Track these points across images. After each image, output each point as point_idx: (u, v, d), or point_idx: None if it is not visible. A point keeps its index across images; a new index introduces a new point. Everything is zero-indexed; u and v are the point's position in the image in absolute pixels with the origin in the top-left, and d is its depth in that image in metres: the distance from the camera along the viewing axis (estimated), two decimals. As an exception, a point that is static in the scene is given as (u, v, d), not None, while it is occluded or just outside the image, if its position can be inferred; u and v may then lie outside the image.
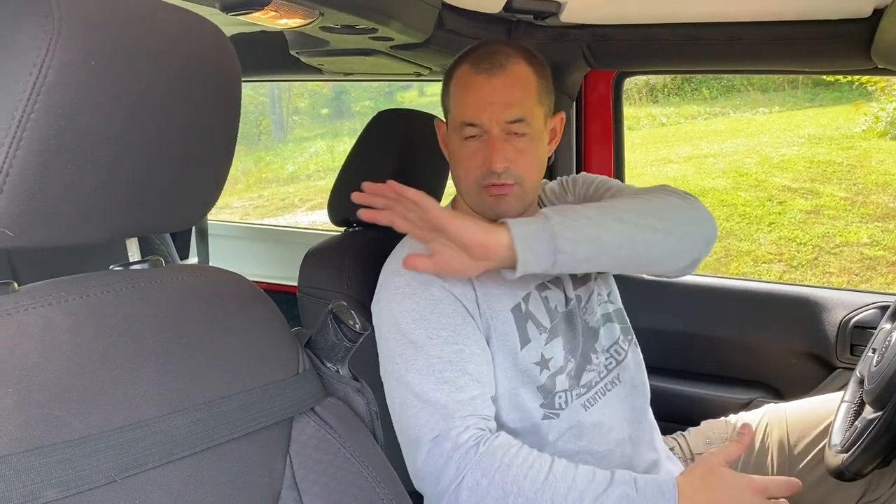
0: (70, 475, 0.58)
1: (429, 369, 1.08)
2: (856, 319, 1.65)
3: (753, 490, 1.00)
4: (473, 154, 1.18)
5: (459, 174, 1.23)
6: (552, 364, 1.20)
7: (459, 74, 1.20)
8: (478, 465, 1.00)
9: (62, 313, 0.63)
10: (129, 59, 0.62)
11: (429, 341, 1.10)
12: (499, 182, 1.18)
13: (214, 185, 0.76)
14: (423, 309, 1.12)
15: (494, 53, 1.18)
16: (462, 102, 1.19)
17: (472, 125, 1.17)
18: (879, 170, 6.28)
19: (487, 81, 1.17)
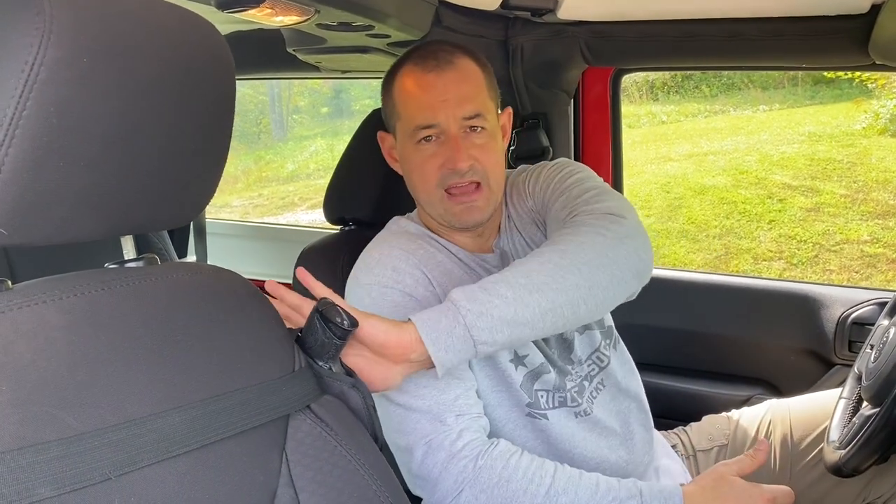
0: (64, 473, 0.58)
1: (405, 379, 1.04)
2: (854, 316, 1.65)
3: (765, 500, 0.98)
4: (431, 157, 1.13)
5: (416, 182, 1.17)
6: (528, 361, 1.15)
7: (404, 77, 1.15)
8: (476, 480, 0.97)
9: (56, 311, 0.63)
10: (121, 57, 0.62)
11: None
12: (463, 182, 1.13)
13: (209, 183, 0.76)
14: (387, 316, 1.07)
15: (437, 51, 1.15)
16: (413, 105, 1.13)
17: (427, 127, 1.12)
18: (880, 167, 6.27)
19: (438, 79, 1.12)
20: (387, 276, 1.11)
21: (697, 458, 1.41)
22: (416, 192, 1.20)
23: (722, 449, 1.41)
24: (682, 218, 6.01)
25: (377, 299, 1.09)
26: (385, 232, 1.25)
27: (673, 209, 6.18)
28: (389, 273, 1.11)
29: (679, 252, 5.53)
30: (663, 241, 5.71)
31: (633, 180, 6.79)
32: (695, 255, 5.47)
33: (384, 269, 1.12)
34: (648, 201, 6.38)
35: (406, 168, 1.19)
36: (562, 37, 1.69)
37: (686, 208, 6.15)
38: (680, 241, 5.68)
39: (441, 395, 1.04)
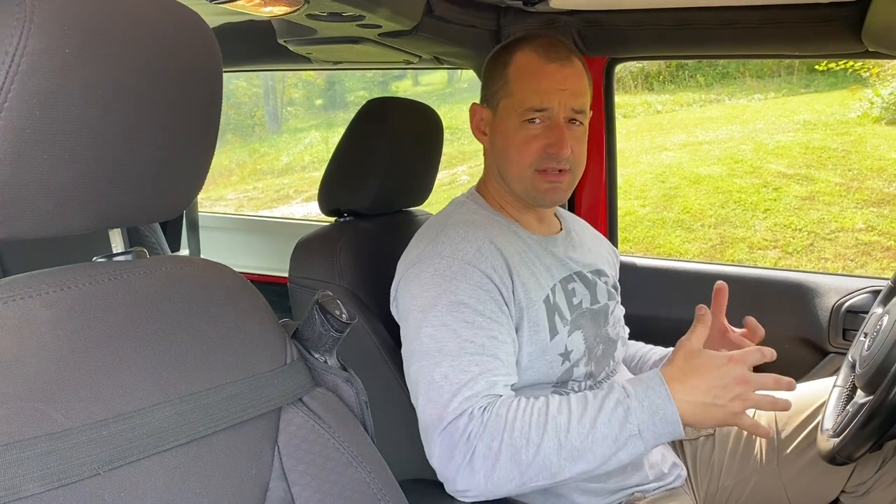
0: (52, 468, 0.57)
1: (461, 352, 1.08)
2: (848, 304, 1.65)
3: (734, 362, 1.03)
4: (534, 138, 1.21)
5: (512, 156, 1.23)
6: (573, 356, 1.22)
7: (524, 61, 1.23)
8: (485, 431, 1.02)
9: (42, 306, 0.62)
10: (105, 48, 0.61)
11: (464, 325, 1.10)
12: (558, 167, 1.21)
13: (197, 176, 0.75)
14: (462, 292, 1.12)
15: (559, 45, 1.24)
16: (530, 87, 1.21)
17: (539, 110, 1.20)
18: (874, 155, 6.28)
19: (560, 70, 1.21)
20: (470, 254, 1.16)
21: (684, 446, 1.42)
22: (505, 166, 1.26)
23: (708, 438, 1.42)
24: (677, 207, 6.02)
25: (457, 272, 1.14)
26: (461, 213, 1.28)
27: (668, 199, 6.19)
28: (473, 252, 1.16)
29: (674, 241, 5.54)
30: (659, 230, 5.72)
31: (628, 170, 6.79)
32: (690, 244, 5.48)
33: (469, 246, 1.17)
34: (644, 191, 6.39)
35: (501, 143, 1.25)
36: (554, 26, 1.68)
37: (681, 198, 6.16)
38: (675, 231, 5.68)
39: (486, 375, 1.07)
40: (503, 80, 1.25)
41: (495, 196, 1.31)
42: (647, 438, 1.00)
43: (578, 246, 1.36)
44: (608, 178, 1.97)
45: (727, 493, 1.38)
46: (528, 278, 1.19)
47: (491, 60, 1.29)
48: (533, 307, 1.18)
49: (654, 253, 5.40)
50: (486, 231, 1.21)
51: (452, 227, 1.22)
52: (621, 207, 5.87)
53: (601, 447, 1.00)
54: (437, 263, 1.16)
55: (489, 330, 1.11)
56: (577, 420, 1.01)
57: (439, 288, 1.13)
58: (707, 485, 1.40)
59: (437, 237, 1.20)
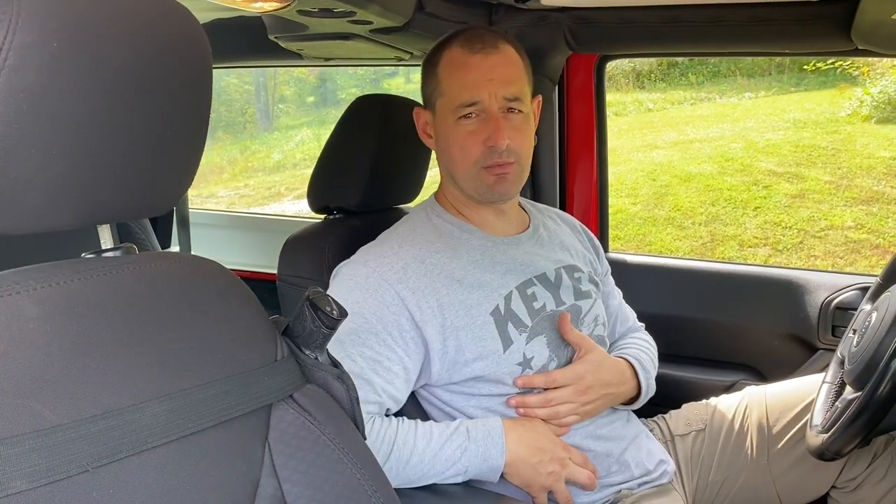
0: (40, 465, 0.57)
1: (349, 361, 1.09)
2: (837, 301, 1.66)
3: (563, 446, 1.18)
4: (471, 133, 1.19)
5: (455, 156, 1.21)
6: (534, 363, 1.20)
7: (450, 56, 1.21)
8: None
9: (31, 302, 0.62)
10: (93, 42, 0.60)
11: (349, 337, 1.10)
12: (500, 161, 1.19)
13: (186, 172, 0.75)
14: (365, 306, 1.12)
15: (484, 35, 1.21)
16: (458, 82, 1.19)
17: (471, 104, 1.18)
18: (864, 153, 6.31)
19: (485, 60, 1.19)
20: (393, 271, 1.16)
21: (675, 441, 1.42)
22: (451, 166, 1.24)
23: (699, 434, 1.42)
24: (668, 205, 6.03)
25: (371, 285, 1.14)
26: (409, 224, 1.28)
27: (659, 197, 6.20)
28: (398, 270, 1.16)
29: (665, 239, 5.55)
30: (650, 228, 5.73)
31: (619, 168, 6.80)
32: (681, 242, 5.50)
33: (396, 262, 1.17)
34: (635, 189, 6.40)
35: (444, 143, 1.24)
36: (545, 23, 1.68)
37: (672, 196, 6.17)
38: (666, 229, 5.70)
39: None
40: (435, 79, 1.23)
41: (451, 199, 1.29)
42: (468, 476, 1.13)
43: (547, 243, 1.34)
44: (599, 175, 1.97)
45: (717, 489, 1.39)
46: (468, 294, 1.18)
47: (425, 61, 1.27)
48: (475, 324, 1.17)
49: (645, 250, 5.41)
50: (423, 248, 1.19)
51: (390, 238, 1.22)
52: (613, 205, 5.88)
53: (428, 477, 1.11)
54: (357, 270, 1.17)
55: (376, 352, 1.11)
56: (418, 455, 1.10)
57: (348, 295, 1.13)
58: (696, 480, 1.40)
59: (372, 246, 1.21)
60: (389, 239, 1.22)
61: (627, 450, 1.26)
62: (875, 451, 1.32)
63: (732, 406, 1.44)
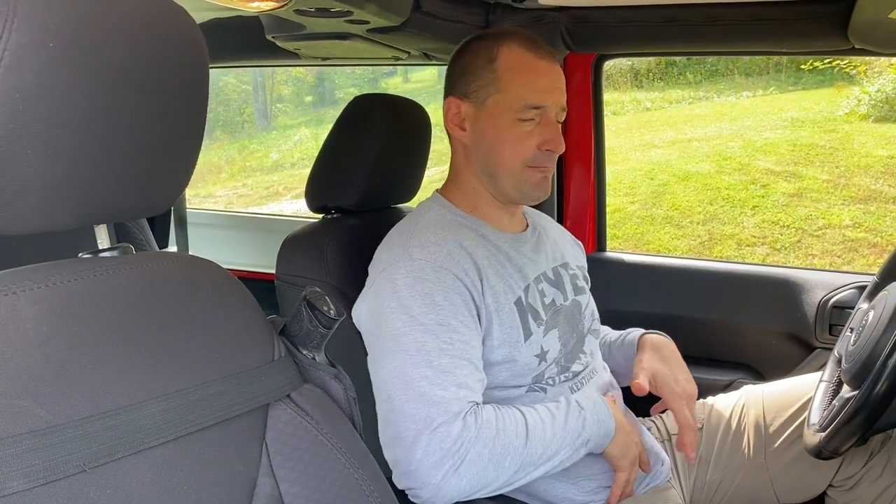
0: (37, 465, 0.57)
1: (439, 353, 1.07)
2: (834, 300, 1.66)
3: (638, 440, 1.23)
4: (528, 135, 1.20)
5: (505, 154, 1.22)
6: (549, 356, 1.21)
7: (515, 56, 1.21)
8: (478, 438, 1.04)
9: (27, 302, 0.62)
10: (90, 42, 0.60)
11: (439, 327, 1.09)
12: (547, 164, 1.23)
13: (183, 172, 0.75)
14: (437, 294, 1.11)
15: (541, 41, 1.25)
16: (528, 84, 1.20)
17: (537, 107, 1.20)
18: (861, 152, 6.32)
19: (552, 68, 1.22)
20: (442, 256, 1.15)
21: (672, 441, 1.42)
22: (496, 163, 1.24)
23: (697, 433, 1.42)
24: (666, 204, 6.04)
25: (430, 274, 1.13)
26: (429, 217, 1.27)
27: (657, 196, 6.21)
28: (445, 255, 1.16)
29: (663, 238, 5.56)
30: (648, 227, 5.74)
31: (617, 167, 6.81)
32: (679, 241, 5.50)
33: (440, 250, 1.16)
34: (633, 188, 6.41)
35: (491, 140, 1.23)
36: (543, 22, 1.68)
37: (670, 195, 6.18)
38: (664, 228, 5.70)
39: (463, 381, 1.08)
40: (492, 74, 1.22)
41: (467, 195, 1.29)
42: (589, 447, 1.14)
43: (545, 241, 1.35)
44: (596, 175, 1.97)
45: (714, 488, 1.39)
46: (496, 282, 1.19)
47: (470, 53, 1.25)
48: (503, 310, 1.17)
49: (643, 249, 5.42)
50: (455, 235, 1.20)
51: (422, 230, 1.21)
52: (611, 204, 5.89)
53: (564, 452, 1.11)
54: (409, 265, 1.15)
55: (462, 334, 1.10)
56: (549, 430, 1.10)
57: (414, 289, 1.12)
58: (694, 479, 1.40)
59: (407, 241, 1.19)
60: (420, 231, 1.21)
61: None
62: (872, 450, 1.32)
63: (730, 405, 1.44)
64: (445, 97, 1.28)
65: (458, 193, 1.30)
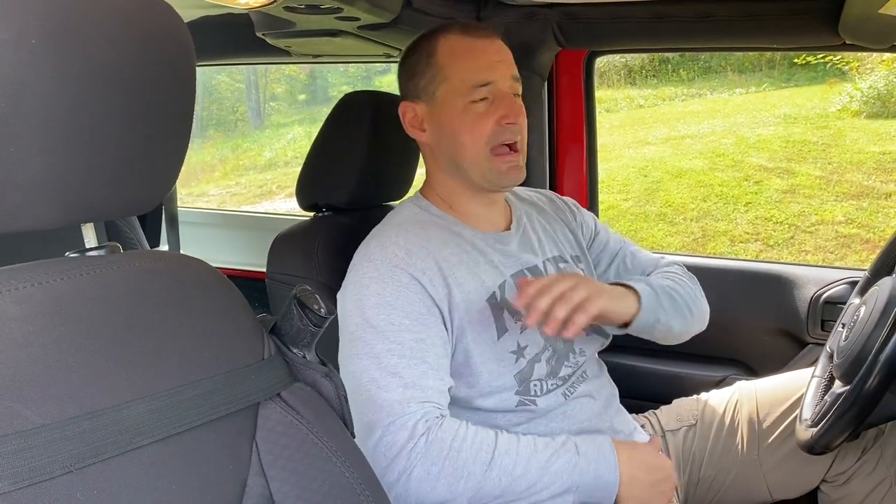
0: (23, 466, 0.56)
1: (388, 354, 1.07)
2: (826, 295, 1.67)
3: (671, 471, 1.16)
4: (483, 115, 1.19)
5: (464, 141, 1.20)
6: (527, 352, 1.19)
7: (451, 43, 1.20)
8: (426, 454, 1.01)
9: (12, 302, 0.61)
10: (73, 39, 0.60)
11: (390, 327, 1.09)
12: (510, 140, 1.20)
13: (170, 170, 0.74)
14: (388, 294, 1.11)
15: (477, 24, 1.25)
16: (469, 65, 1.19)
17: (484, 85, 1.18)
18: (853, 148, 6.35)
19: (490, 44, 1.21)
20: (399, 256, 1.14)
21: (666, 437, 1.43)
22: (459, 153, 1.22)
23: (690, 429, 1.43)
24: (659, 201, 6.05)
25: (385, 274, 1.13)
26: (400, 216, 1.26)
27: (651, 192, 6.22)
28: (403, 255, 1.15)
29: (657, 235, 5.57)
30: (641, 224, 5.75)
31: (611, 164, 6.82)
32: (672, 237, 5.51)
33: (398, 249, 1.15)
34: (626, 185, 6.42)
35: (449, 131, 1.22)
36: (534, 19, 1.68)
37: (664, 192, 6.19)
38: (658, 224, 5.71)
39: (416, 381, 1.06)
40: (434, 68, 1.21)
41: (442, 194, 1.28)
42: (580, 496, 1.06)
43: (531, 235, 1.33)
44: (589, 172, 1.97)
45: (708, 484, 1.39)
46: (466, 279, 1.17)
47: (410, 56, 1.25)
48: (474, 308, 1.16)
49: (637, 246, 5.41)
50: (420, 235, 1.19)
51: (386, 230, 1.21)
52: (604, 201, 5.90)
53: (538, 490, 1.04)
54: (366, 266, 1.15)
55: (417, 332, 1.09)
56: (523, 466, 1.04)
57: (367, 290, 1.12)
58: (688, 476, 1.40)
59: (369, 241, 1.20)
60: (385, 232, 1.21)
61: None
62: (864, 445, 1.33)
63: (723, 401, 1.44)
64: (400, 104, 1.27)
65: (434, 193, 1.29)
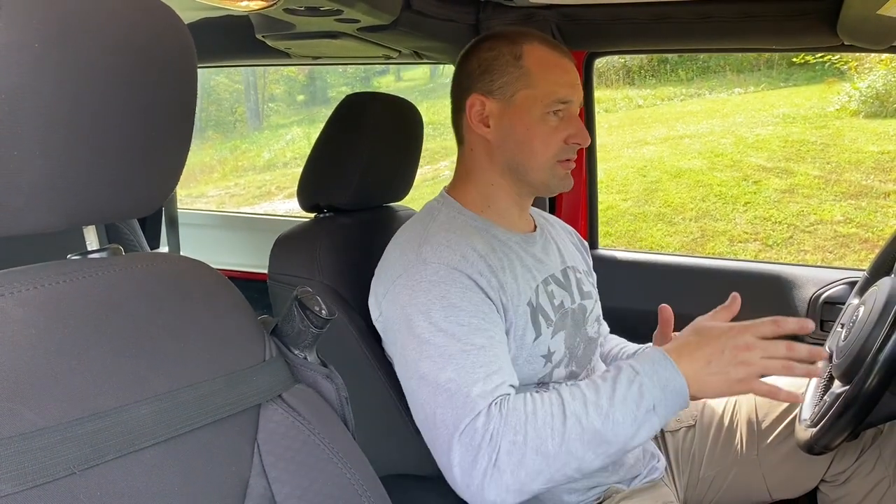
0: (26, 468, 0.56)
1: (463, 355, 1.06)
2: (825, 295, 1.67)
3: (735, 331, 1.03)
4: (555, 129, 1.22)
5: (536, 147, 1.23)
6: (555, 357, 1.21)
7: (540, 53, 1.23)
8: (506, 427, 0.99)
9: (14, 304, 0.62)
10: (76, 42, 0.60)
11: (460, 329, 1.08)
12: (573, 157, 1.26)
13: (171, 172, 0.75)
14: (454, 296, 1.10)
15: (556, 41, 1.28)
16: (556, 79, 1.22)
17: (566, 102, 1.22)
18: (852, 148, 6.35)
19: (572, 65, 1.26)
20: (456, 260, 1.15)
21: (666, 438, 1.43)
22: (525, 157, 1.24)
23: (690, 429, 1.43)
24: (658, 201, 6.05)
25: (445, 277, 1.12)
26: (439, 219, 1.26)
27: (650, 192, 6.23)
28: (458, 258, 1.15)
29: (656, 235, 5.57)
30: (640, 224, 5.75)
31: (610, 164, 6.82)
32: (671, 237, 5.52)
33: (453, 253, 1.15)
34: (625, 185, 6.42)
35: (521, 135, 1.23)
36: (533, 20, 1.68)
37: (662, 191, 6.20)
38: (657, 225, 5.72)
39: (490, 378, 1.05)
40: (519, 70, 1.22)
41: (482, 192, 1.28)
42: (661, 413, 1.01)
43: (552, 243, 1.35)
44: (588, 173, 1.97)
45: (707, 484, 1.40)
46: (510, 282, 1.19)
47: (486, 51, 1.25)
48: (517, 311, 1.18)
49: (635, 247, 5.43)
50: (466, 238, 1.19)
51: (434, 234, 1.20)
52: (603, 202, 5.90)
53: (622, 427, 0.99)
54: (423, 271, 1.14)
55: (486, 331, 1.10)
56: (593, 403, 1.00)
57: (430, 294, 1.11)
58: (687, 476, 1.41)
59: (420, 246, 1.18)
60: (432, 235, 1.20)
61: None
62: (863, 445, 1.33)
63: (722, 401, 1.45)
64: (464, 95, 1.26)
65: (472, 191, 1.29)
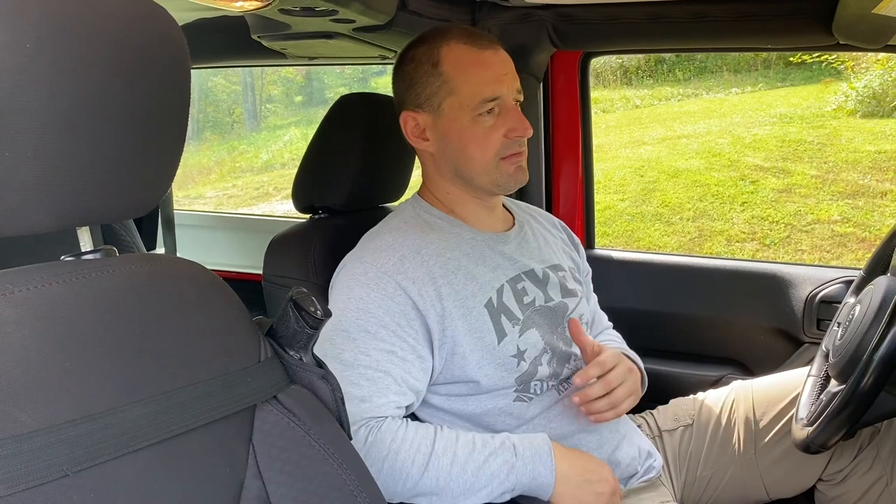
0: (18, 470, 0.56)
1: (354, 364, 1.08)
2: (822, 294, 1.67)
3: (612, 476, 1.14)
4: (492, 128, 1.19)
5: (473, 154, 1.20)
6: (527, 355, 1.20)
7: (457, 54, 1.19)
8: (367, 457, 1.01)
9: (7, 306, 0.61)
10: (68, 43, 0.60)
11: (362, 335, 1.09)
12: (518, 150, 1.21)
13: (165, 173, 0.74)
14: (371, 301, 1.11)
15: (480, 32, 1.23)
16: (477, 79, 1.18)
17: (493, 99, 1.18)
18: (849, 148, 6.36)
19: (496, 55, 1.20)
20: (390, 263, 1.14)
21: (663, 437, 1.43)
22: (466, 165, 1.22)
23: (687, 429, 1.43)
24: (655, 201, 6.05)
25: (371, 280, 1.13)
26: (398, 219, 1.26)
27: (647, 193, 6.23)
28: (395, 261, 1.14)
29: (653, 235, 5.57)
30: (638, 224, 5.75)
31: (607, 164, 6.82)
32: (669, 237, 5.52)
33: (392, 255, 1.15)
34: (623, 185, 6.42)
35: (456, 143, 1.21)
36: (529, 20, 1.68)
37: (660, 192, 6.20)
38: (654, 225, 5.72)
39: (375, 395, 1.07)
40: (438, 79, 1.19)
41: (440, 197, 1.28)
42: (516, 493, 1.08)
43: (532, 241, 1.34)
44: (585, 173, 1.97)
45: (705, 483, 1.40)
46: (463, 284, 1.17)
47: (408, 63, 1.23)
48: (471, 314, 1.17)
49: (633, 247, 5.43)
50: (418, 239, 1.18)
51: (383, 233, 1.21)
52: (601, 202, 5.90)
53: (474, 491, 1.06)
54: (355, 269, 1.16)
55: (389, 344, 1.10)
56: (460, 466, 1.06)
57: (351, 293, 1.12)
58: (685, 475, 1.41)
59: (365, 242, 1.20)
60: (381, 234, 1.21)
61: (619, 447, 1.26)
62: (860, 444, 1.33)
63: (719, 401, 1.45)
64: (399, 112, 1.26)
65: (432, 195, 1.29)
